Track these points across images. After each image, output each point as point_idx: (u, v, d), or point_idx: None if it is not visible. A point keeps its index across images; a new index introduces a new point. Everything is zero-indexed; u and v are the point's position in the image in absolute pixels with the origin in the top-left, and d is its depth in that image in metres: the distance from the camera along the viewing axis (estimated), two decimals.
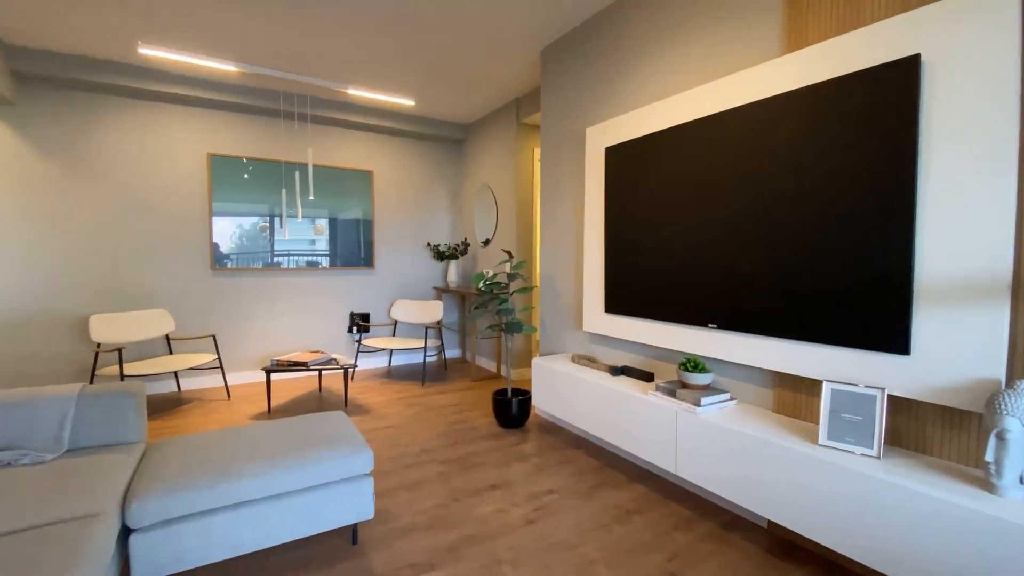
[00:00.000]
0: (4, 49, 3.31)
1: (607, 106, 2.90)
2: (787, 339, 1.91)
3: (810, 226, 1.81)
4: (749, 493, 1.81)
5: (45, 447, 1.80)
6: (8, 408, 1.80)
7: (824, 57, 1.77)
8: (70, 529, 1.30)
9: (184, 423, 3.33)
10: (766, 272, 1.97)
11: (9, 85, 3.40)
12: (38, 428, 1.81)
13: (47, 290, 3.69)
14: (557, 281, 3.40)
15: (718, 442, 1.92)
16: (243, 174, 4.33)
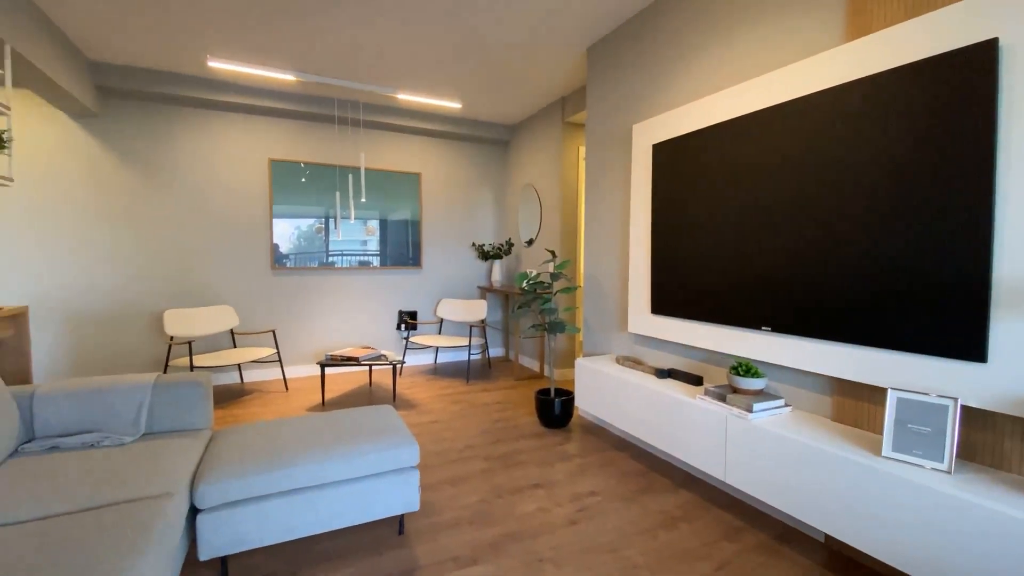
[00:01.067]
0: (89, 65, 3.65)
1: (654, 102, 2.84)
2: (848, 344, 1.80)
3: (875, 224, 1.71)
4: (805, 505, 1.73)
5: (124, 430, 1.97)
6: (94, 394, 1.98)
7: (890, 44, 1.66)
8: (146, 506, 1.42)
9: (246, 412, 3.54)
10: (826, 273, 1.87)
11: (93, 99, 3.74)
12: (118, 413, 1.99)
13: (127, 287, 4.04)
14: (601, 281, 3.36)
15: (771, 450, 1.85)
16: (301, 178, 4.56)
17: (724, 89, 2.35)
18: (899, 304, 1.64)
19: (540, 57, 3.55)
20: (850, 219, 1.78)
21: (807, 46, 2.00)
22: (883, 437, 1.58)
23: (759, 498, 1.91)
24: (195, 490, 1.60)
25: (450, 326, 5.34)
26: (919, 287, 1.59)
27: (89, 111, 3.71)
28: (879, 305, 1.70)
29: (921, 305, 1.58)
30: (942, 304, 1.53)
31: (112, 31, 3.17)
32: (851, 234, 1.78)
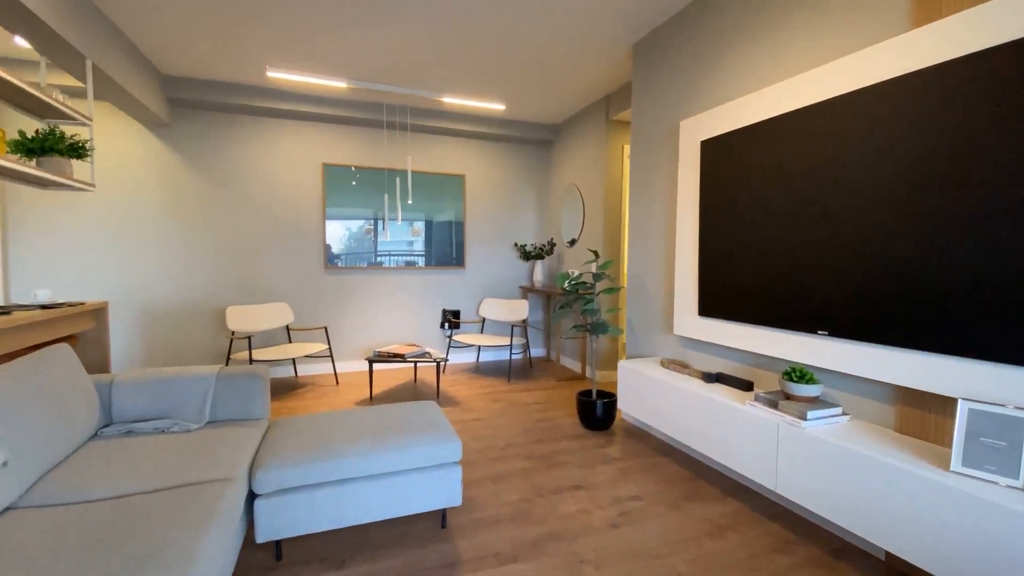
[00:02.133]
0: (161, 79, 3.94)
1: (703, 98, 2.76)
2: (915, 350, 1.69)
3: (946, 222, 1.59)
4: (864, 520, 1.64)
5: (190, 418, 2.11)
6: (164, 384, 2.14)
7: (961, 31, 1.55)
8: (209, 489, 1.53)
9: (299, 405, 3.72)
10: (890, 273, 1.76)
11: (165, 110, 4.04)
12: (185, 402, 2.14)
13: (193, 285, 4.33)
14: (646, 282, 3.30)
15: (827, 460, 1.76)
16: (351, 181, 4.74)
17: (779, 82, 2.26)
18: (973, 308, 1.52)
19: (585, 55, 3.53)
20: (918, 216, 1.67)
21: (869, 34, 1.89)
22: (952, 451, 1.47)
23: (813, 510, 1.82)
24: (253, 476, 1.70)
25: (492, 325, 5.39)
26: (996, 289, 1.47)
27: (161, 121, 4.00)
28: (950, 308, 1.58)
29: (998, 309, 1.46)
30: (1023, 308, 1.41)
31: (182, 47, 3.41)
32: (918, 232, 1.66)
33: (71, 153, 2.65)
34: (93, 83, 3.07)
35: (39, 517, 1.35)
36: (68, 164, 2.66)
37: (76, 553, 1.17)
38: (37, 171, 2.43)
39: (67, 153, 2.63)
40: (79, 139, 2.69)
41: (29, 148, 2.52)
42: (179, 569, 1.12)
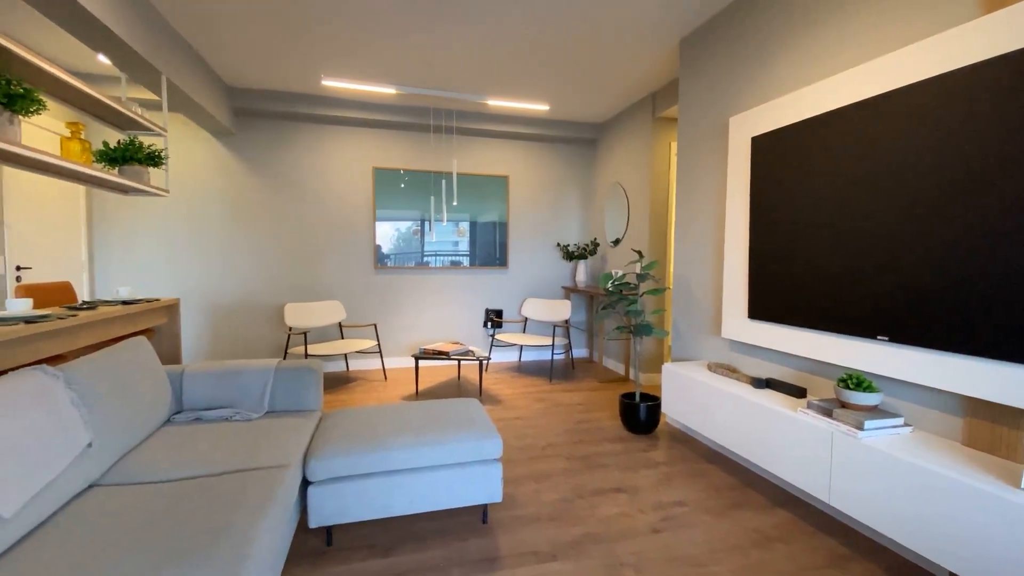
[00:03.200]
0: (227, 91, 4.21)
1: (753, 93, 2.67)
2: (987, 358, 1.57)
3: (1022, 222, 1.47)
4: (926, 538, 1.54)
5: (251, 408, 2.26)
6: (227, 375, 2.30)
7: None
8: (267, 474, 1.63)
9: (350, 398, 3.88)
10: (961, 276, 1.64)
11: (230, 119, 4.31)
12: (247, 392, 2.29)
13: (255, 283, 4.60)
14: (693, 283, 3.22)
15: (886, 473, 1.66)
16: (400, 184, 4.89)
17: (835, 75, 2.15)
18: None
19: (631, 53, 3.49)
20: (995, 214, 1.54)
21: (934, 22, 1.77)
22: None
23: (870, 525, 1.72)
24: (307, 464, 1.80)
25: (534, 325, 5.40)
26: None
27: (227, 130, 4.29)
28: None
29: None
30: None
31: (246, 60, 3.64)
32: (996, 232, 1.54)
33: (148, 162, 2.88)
34: (167, 96, 3.34)
35: (118, 494, 1.49)
36: (145, 172, 2.90)
37: (149, 527, 1.28)
38: (119, 179, 2.67)
39: (145, 162, 2.87)
40: (155, 148, 2.92)
41: (112, 158, 2.76)
42: (239, 547, 1.21)
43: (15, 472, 1.23)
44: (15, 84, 1.81)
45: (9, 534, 1.19)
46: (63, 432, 1.43)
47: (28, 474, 1.26)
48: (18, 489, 1.22)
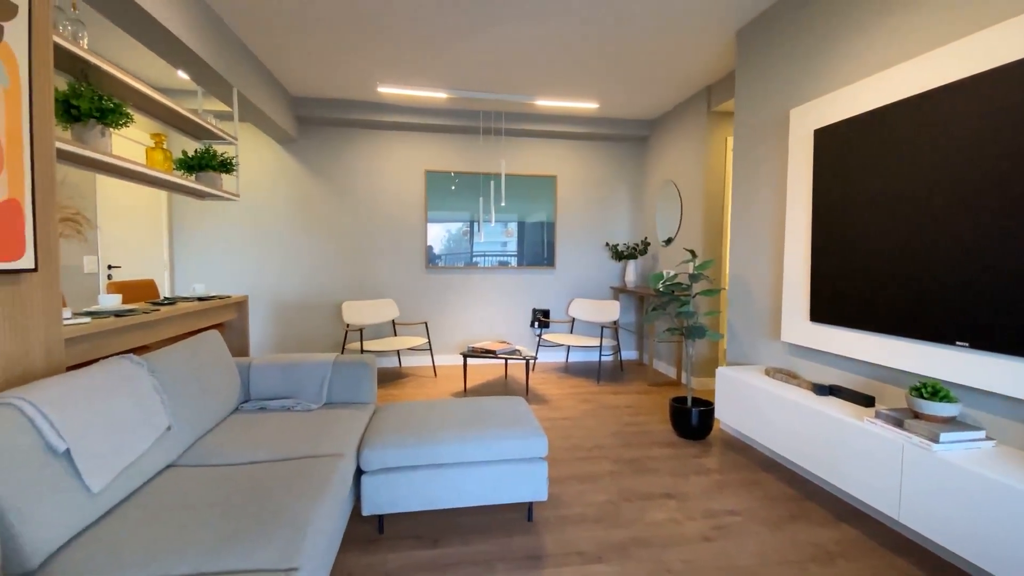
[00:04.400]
0: (291, 100, 4.46)
1: (816, 83, 2.52)
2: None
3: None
4: (1012, 563, 1.40)
5: (311, 399, 2.38)
6: (291, 368, 2.44)
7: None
8: (324, 462, 1.72)
9: (402, 393, 4.01)
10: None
11: (294, 127, 4.56)
12: (307, 384, 2.42)
13: (315, 282, 4.86)
14: (750, 283, 3.09)
15: (964, 490, 1.53)
16: (451, 186, 5.00)
17: (909, 60, 1.99)
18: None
19: (684, 47, 3.39)
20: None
21: (1007, 6, 1.61)
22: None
23: (944, 545, 1.59)
24: (361, 454, 1.88)
25: (582, 326, 5.36)
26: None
27: (291, 137, 4.55)
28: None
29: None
30: None
31: (308, 71, 3.84)
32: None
33: (221, 168, 3.11)
34: (238, 107, 3.58)
35: (192, 474, 1.62)
36: (219, 178, 3.13)
37: (219, 506, 1.39)
38: (196, 184, 2.89)
39: (218, 168, 3.09)
40: (227, 156, 3.15)
41: (190, 165, 3.00)
42: (297, 528, 1.29)
43: (105, 450, 1.37)
44: (106, 99, 2.01)
45: (97, 507, 1.33)
46: (146, 416, 1.58)
47: (116, 453, 1.40)
48: (107, 466, 1.36)
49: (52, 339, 1.63)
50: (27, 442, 1.17)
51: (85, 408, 1.35)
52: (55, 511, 1.18)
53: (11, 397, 1.20)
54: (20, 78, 1.46)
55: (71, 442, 1.26)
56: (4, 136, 1.41)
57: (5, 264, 1.41)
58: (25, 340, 1.53)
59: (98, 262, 3.73)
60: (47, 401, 1.25)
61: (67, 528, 1.21)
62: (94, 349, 1.95)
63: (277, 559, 1.18)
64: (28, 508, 1.12)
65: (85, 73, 2.06)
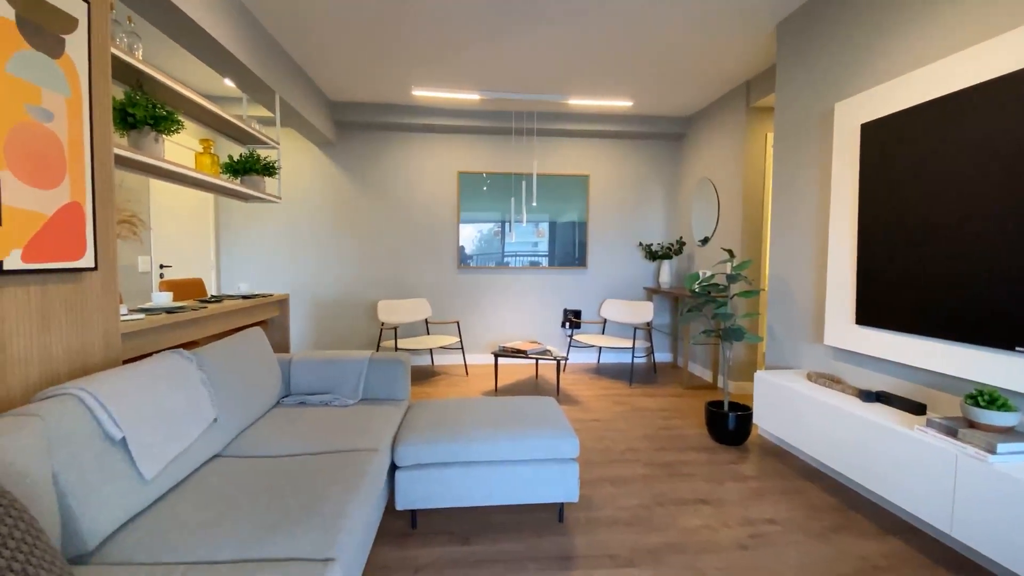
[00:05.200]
0: (330, 105, 4.59)
1: (863, 76, 2.41)
2: None
3: None
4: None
5: (348, 394, 2.45)
6: (329, 364, 2.51)
7: None
8: (360, 456, 1.76)
9: (434, 391, 4.06)
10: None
11: (332, 131, 4.70)
12: (344, 380, 2.48)
13: (352, 281, 4.99)
14: (790, 284, 2.98)
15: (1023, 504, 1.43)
16: (482, 187, 5.04)
17: (969, 47, 1.88)
18: None
19: (722, 42, 3.30)
20: None
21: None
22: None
23: (1000, 562, 1.49)
24: (395, 450, 1.92)
25: (614, 327, 5.30)
26: None
27: (329, 141, 4.68)
28: None
29: None
30: None
31: (346, 76, 3.95)
32: None
33: (264, 172, 3.23)
34: (280, 113, 3.71)
35: (237, 465, 1.69)
36: (262, 181, 3.26)
37: (261, 496, 1.45)
38: (240, 187, 3.02)
39: (261, 172, 3.22)
40: (270, 160, 3.27)
41: (235, 169, 3.13)
42: (335, 520, 1.32)
43: (157, 440, 1.44)
44: (160, 107, 2.12)
45: (149, 493, 1.40)
46: (195, 408, 1.66)
47: (167, 442, 1.48)
48: (159, 455, 1.43)
49: (110, 334, 1.74)
50: (87, 430, 1.25)
51: (140, 399, 1.43)
52: (111, 496, 1.25)
53: (73, 388, 1.29)
54: (81, 88, 1.55)
55: (127, 431, 1.34)
56: (67, 143, 1.51)
57: (68, 263, 1.51)
58: (86, 334, 1.63)
59: (151, 261, 3.94)
60: (106, 392, 1.33)
61: (122, 512, 1.28)
62: (147, 344, 2.06)
63: (315, 549, 1.22)
64: (87, 493, 1.19)
65: (140, 83, 2.18)
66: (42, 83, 1.41)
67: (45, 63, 1.42)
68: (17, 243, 1.33)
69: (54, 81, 1.45)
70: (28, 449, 1.07)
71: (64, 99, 1.49)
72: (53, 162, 1.45)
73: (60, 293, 1.53)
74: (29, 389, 1.41)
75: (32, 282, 1.43)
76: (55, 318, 1.51)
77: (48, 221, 1.43)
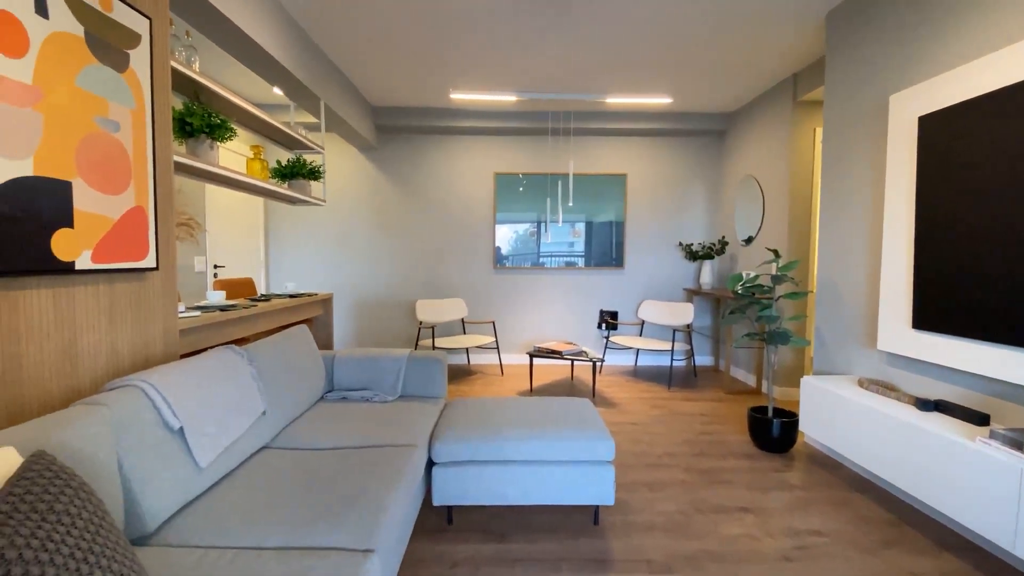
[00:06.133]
0: (372, 110, 4.72)
1: (920, 65, 2.27)
2: None
3: None
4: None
5: (387, 391, 2.51)
6: (369, 361, 2.58)
7: None
8: (399, 452, 1.81)
9: (470, 389, 4.11)
10: None
11: (374, 135, 4.83)
12: (384, 377, 2.55)
13: (391, 281, 5.11)
14: (840, 286, 2.84)
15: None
16: (519, 188, 5.06)
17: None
18: None
19: (768, 33, 3.19)
20: None
21: None
22: None
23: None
24: (432, 446, 1.96)
25: (652, 329, 5.20)
26: None
27: (371, 145, 4.82)
28: None
29: None
30: None
31: (387, 83, 4.05)
32: None
33: (310, 176, 3.36)
34: (325, 118, 3.85)
35: (283, 456, 1.76)
36: (308, 185, 3.39)
37: (305, 486, 1.51)
38: (288, 191, 3.15)
39: (308, 176, 3.35)
40: (315, 164, 3.40)
41: (283, 174, 3.27)
42: (374, 513, 1.36)
43: (212, 430, 1.53)
44: (215, 116, 2.24)
45: (203, 481, 1.49)
46: (246, 401, 1.75)
47: (220, 433, 1.56)
48: (213, 444, 1.52)
49: (169, 330, 1.85)
50: (149, 420, 1.34)
51: (196, 392, 1.52)
52: (169, 482, 1.34)
53: (136, 380, 1.38)
54: (144, 100, 1.67)
55: (184, 421, 1.43)
56: (132, 152, 1.62)
57: (133, 263, 1.62)
58: (148, 330, 1.75)
59: (206, 262, 4.17)
60: (165, 384, 1.43)
61: (179, 498, 1.37)
62: (202, 339, 2.19)
63: (355, 540, 1.26)
64: (148, 478, 1.28)
65: (197, 93, 2.32)
66: (109, 96, 1.52)
67: (112, 77, 1.53)
68: (87, 245, 1.44)
69: (120, 94, 1.56)
70: (96, 436, 1.15)
71: (129, 110, 1.60)
72: (119, 169, 1.56)
73: (125, 291, 1.64)
74: (97, 380, 1.53)
75: (101, 281, 1.54)
76: (120, 315, 1.62)
77: (115, 224, 1.54)
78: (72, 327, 1.43)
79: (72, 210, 1.39)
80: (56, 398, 1.39)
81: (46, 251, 1.32)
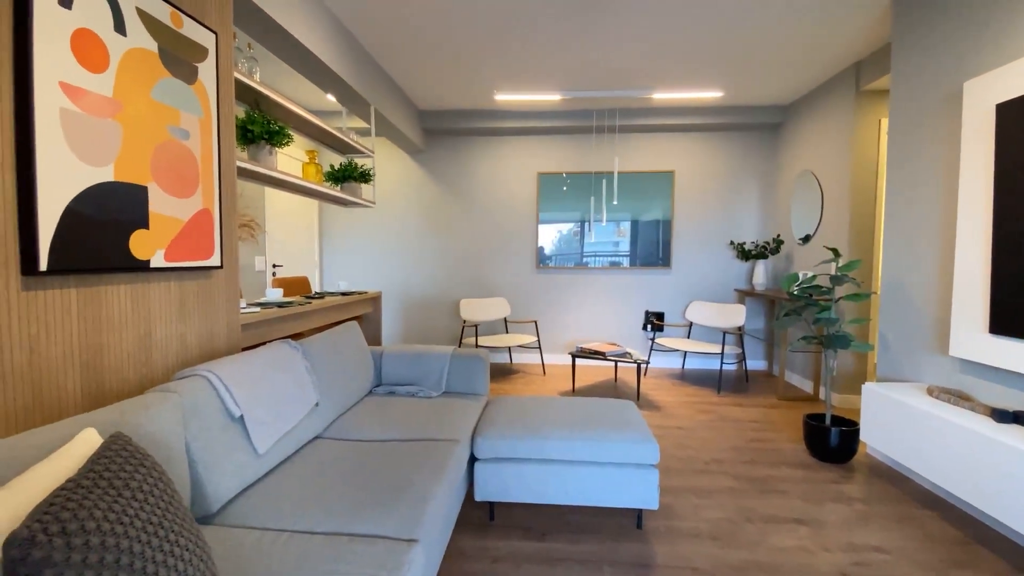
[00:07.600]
0: (419, 114, 4.83)
1: (998, 49, 2.09)
2: None
3: None
4: None
5: (432, 387, 2.57)
6: (415, 357, 2.65)
7: None
8: (443, 446, 1.85)
9: (512, 388, 4.13)
10: None
11: (421, 138, 4.94)
12: (429, 373, 2.61)
13: (437, 280, 5.22)
14: (907, 287, 2.65)
15: None
16: (562, 187, 5.04)
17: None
18: None
19: (828, 19, 3.02)
20: None
21: None
22: None
23: None
24: (474, 442, 1.99)
25: (700, 331, 5.04)
26: None
27: (418, 148, 4.94)
28: None
29: None
30: None
31: (434, 87, 4.14)
32: None
33: (361, 179, 3.49)
34: (375, 123, 3.98)
35: (334, 446, 1.84)
36: (359, 187, 3.52)
37: (354, 476, 1.57)
38: (341, 194, 3.28)
39: (359, 179, 3.47)
40: (366, 168, 3.52)
41: (336, 177, 3.41)
42: (418, 504, 1.41)
43: (269, 419, 1.62)
44: (273, 123, 2.37)
45: (261, 466, 1.58)
46: (301, 392, 1.84)
47: (277, 422, 1.66)
48: (270, 432, 1.61)
49: (232, 324, 1.98)
50: (214, 407, 1.44)
51: (255, 382, 1.61)
52: (231, 467, 1.43)
53: (203, 370, 1.49)
54: (211, 109, 1.79)
55: (245, 410, 1.52)
56: (200, 158, 1.74)
57: (200, 262, 1.75)
58: (213, 324, 1.87)
59: (265, 261, 4.41)
60: (228, 375, 1.53)
61: (239, 481, 1.46)
62: (262, 334, 2.32)
63: (401, 529, 1.30)
64: (213, 462, 1.37)
65: (257, 101, 2.46)
66: (180, 106, 1.64)
67: (182, 89, 1.65)
68: (161, 244, 1.57)
69: (190, 104, 1.68)
70: (168, 421, 1.25)
71: (197, 119, 1.72)
72: (189, 174, 1.68)
73: (193, 288, 1.77)
74: (168, 369, 1.65)
75: (172, 278, 1.67)
76: (189, 309, 1.75)
77: (184, 226, 1.67)
78: (147, 320, 1.56)
79: (148, 213, 1.51)
80: (133, 384, 1.52)
81: (125, 250, 1.44)
